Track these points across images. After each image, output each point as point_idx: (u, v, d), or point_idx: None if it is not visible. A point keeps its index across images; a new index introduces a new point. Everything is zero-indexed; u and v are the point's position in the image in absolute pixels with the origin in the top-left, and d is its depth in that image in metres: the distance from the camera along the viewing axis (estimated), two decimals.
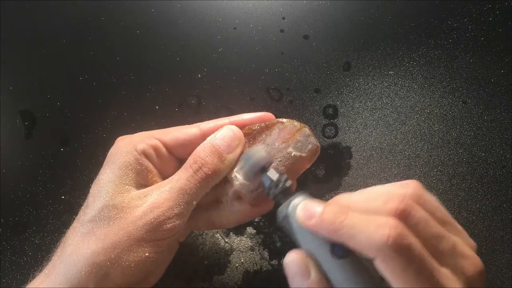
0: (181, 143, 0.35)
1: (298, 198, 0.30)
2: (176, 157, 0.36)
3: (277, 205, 0.31)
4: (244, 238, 0.43)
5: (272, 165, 0.33)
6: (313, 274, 0.27)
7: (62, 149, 0.45)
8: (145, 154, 0.33)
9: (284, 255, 0.37)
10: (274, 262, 0.42)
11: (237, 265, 0.42)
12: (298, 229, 0.29)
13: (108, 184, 0.32)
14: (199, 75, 0.47)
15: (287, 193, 0.31)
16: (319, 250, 0.28)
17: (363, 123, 0.46)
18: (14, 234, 0.43)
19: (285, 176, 0.31)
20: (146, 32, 0.48)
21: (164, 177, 0.35)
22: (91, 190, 0.33)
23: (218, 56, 0.47)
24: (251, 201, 0.34)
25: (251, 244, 0.43)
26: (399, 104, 0.46)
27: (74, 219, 0.43)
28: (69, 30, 0.48)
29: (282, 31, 0.48)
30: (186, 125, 0.36)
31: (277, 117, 0.36)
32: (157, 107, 0.46)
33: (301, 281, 0.27)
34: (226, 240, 0.43)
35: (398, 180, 0.43)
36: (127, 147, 0.33)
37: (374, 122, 0.46)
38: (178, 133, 0.35)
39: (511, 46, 0.47)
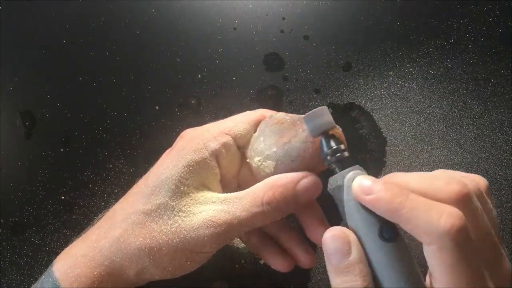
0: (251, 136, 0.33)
1: (355, 170, 0.28)
2: (240, 149, 0.34)
3: (331, 173, 0.29)
4: None
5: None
6: (355, 252, 0.26)
7: (62, 149, 0.45)
8: (215, 154, 0.32)
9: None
10: None
11: (237, 265, 0.42)
12: (350, 202, 0.27)
13: (169, 181, 0.31)
14: (199, 76, 0.47)
15: (344, 163, 0.29)
16: (366, 229, 0.26)
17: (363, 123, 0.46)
18: (14, 234, 0.43)
19: (344, 146, 0.30)
20: (146, 32, 0.48)
21: (224, 174, 0.34)
22: (151, 176, 0.32)
23: (218, 56, 0.47)
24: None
25: None
26: (399, 105, 0.46)
27: (74, 219, 0.43)
28: (69, 30, 0.48)
29: (282, 31, 0.48)
30: (249, 112, 0.34)
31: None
32: (157, 107, 0.46)
33: (341, 259, 0.26)
34: None
35: None
36: (198, 145, 0.32)
37: (374, 123, 0.46)
38: (248, 125, 0.34)
39: (511, 46, 0.47)
